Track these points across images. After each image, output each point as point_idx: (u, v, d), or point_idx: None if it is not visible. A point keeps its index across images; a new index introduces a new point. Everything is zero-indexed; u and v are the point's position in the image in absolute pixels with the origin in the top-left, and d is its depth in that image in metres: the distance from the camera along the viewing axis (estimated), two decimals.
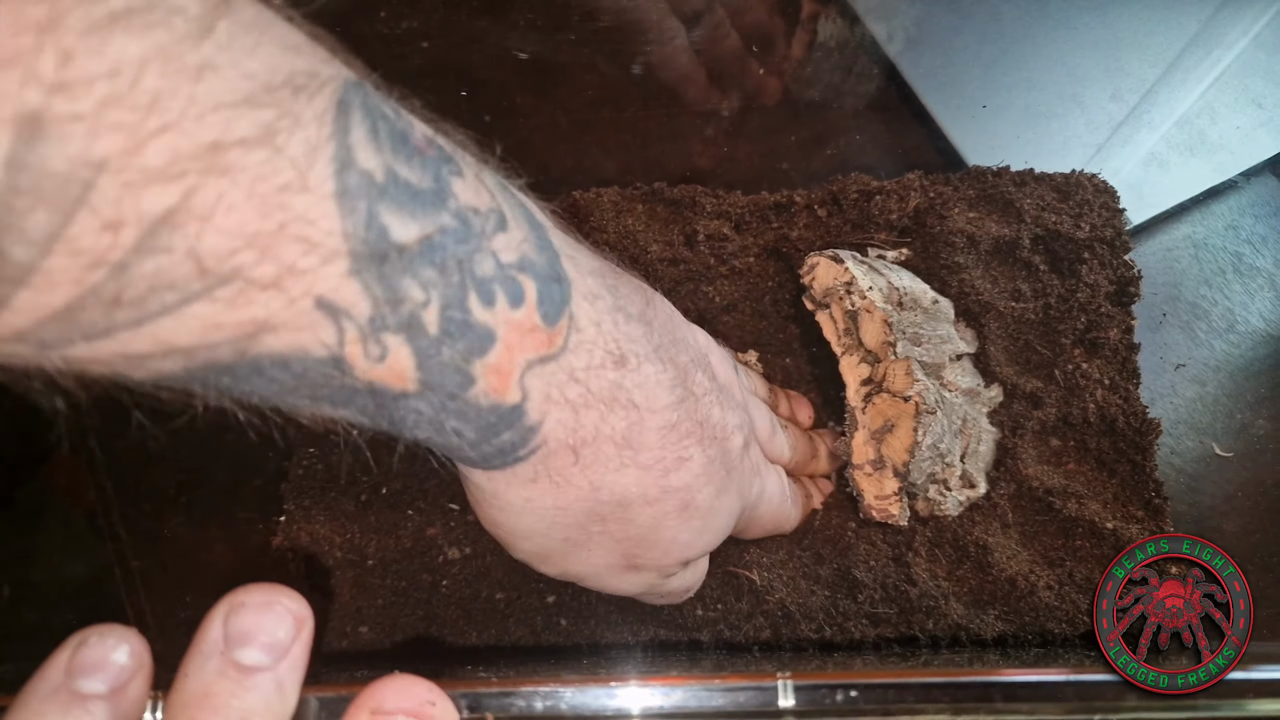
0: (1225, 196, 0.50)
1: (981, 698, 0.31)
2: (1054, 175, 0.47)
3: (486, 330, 0.25)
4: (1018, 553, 0.40)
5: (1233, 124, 0.51)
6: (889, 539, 0.40)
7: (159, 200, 0.18)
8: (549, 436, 0.28)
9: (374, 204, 0.21)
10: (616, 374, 0.29)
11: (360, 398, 0.24)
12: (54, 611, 0.43)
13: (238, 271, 0.20)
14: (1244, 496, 0.43)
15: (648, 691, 0.30)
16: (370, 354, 0.23)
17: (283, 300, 0.21)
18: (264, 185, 0.19)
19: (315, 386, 0.23)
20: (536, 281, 0.26)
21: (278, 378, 0.22)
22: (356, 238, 0.21)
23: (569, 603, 0.40)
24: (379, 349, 0.23)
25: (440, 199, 0.23)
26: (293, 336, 0.22)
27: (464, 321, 0.24)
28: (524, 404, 0.26)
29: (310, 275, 0.21)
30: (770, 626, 0.39)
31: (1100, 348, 0.44)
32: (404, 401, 0.24)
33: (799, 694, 0.30)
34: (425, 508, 0.43)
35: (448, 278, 0.23)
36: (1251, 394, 0.46)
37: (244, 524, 0.43)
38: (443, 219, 0.23)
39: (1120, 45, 0.53)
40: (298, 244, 0.20)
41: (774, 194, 0.49)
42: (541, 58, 0.55)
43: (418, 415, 0.25)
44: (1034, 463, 0.42)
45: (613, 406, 0.29)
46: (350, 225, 0.21)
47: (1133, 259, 0.45)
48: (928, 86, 0.52)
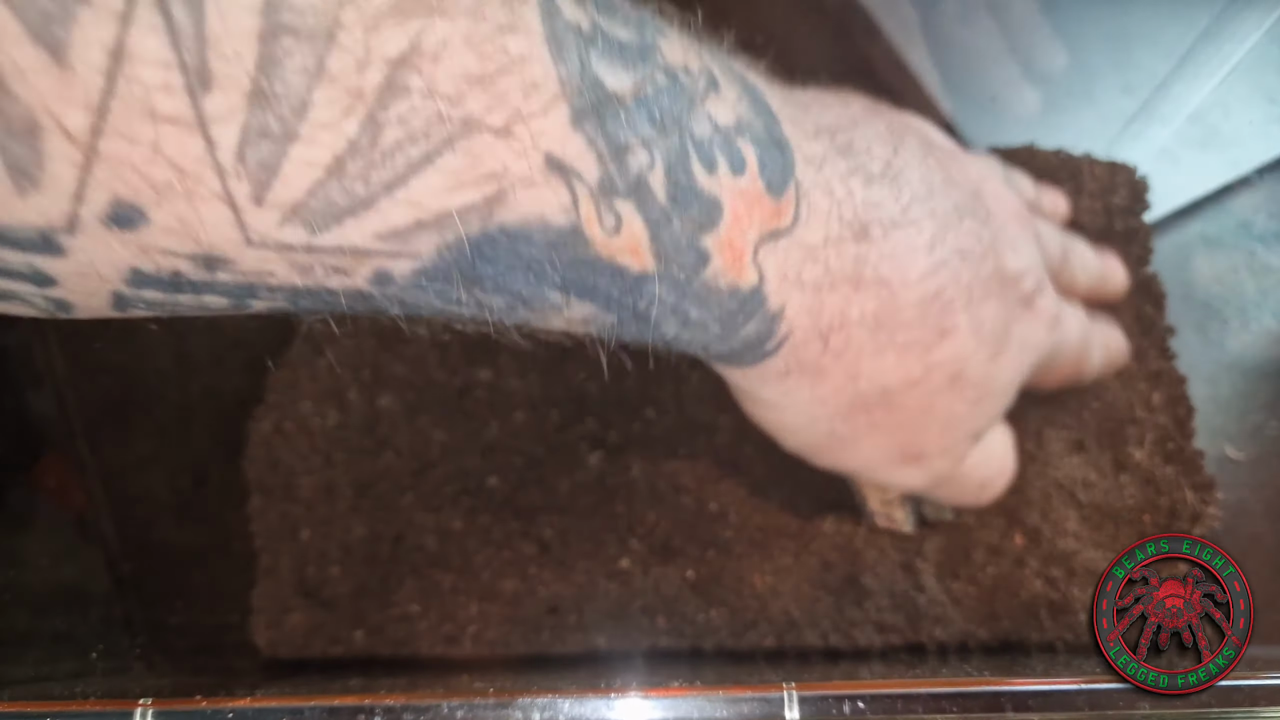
0: (1238, 193, 0.49)
1: (991, 707, 0.30)
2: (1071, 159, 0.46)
3: (713, 199, 0.23)
4: (1029, 558, 0.39)
5: (1246, 119, 0.50)
6: (897, 545, 0.40)
7: (393, 41, 0.18)
8: (794, 324, 0.26)
9: (585, 51, 0.21)
10: (859, 247, 0.26)
11: (604, 281, 0.23)
12: (43, 615, 0.42)
13: (471, 118, 0.19)
14: (1257, 500, 0.43)
15: (649, 703, 0.30)
16: (605, 224, 0.22)
17: (516, 153, 0.20)
18: (482, 26, 0.19)
19: (562, 268, 0.22)
20: (756, 147, 0.24)
21: (524, 254, 0.22)
22: (572, 85, 0.20)
23: (567, 611, 0.40)
24: (613, 217, 0.22)
25: (648, 54, 0.22)
26: (531, 200, 0.21)
27: (690, 187, 0.23)
28: (762, 287, 0.25)
29: (537, 123, 0.20)
30: (774, 634, 0.38)
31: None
32: (646, 286, 0.23)
33: (804, 705, 0.30)
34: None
35: (668, 136, 0.22)
36: (1265, 395, 0.45)
37: (237, 529, 0.43)
38: (654, 73, 0.22)
39: (1131, 38, 0.52)
40: (520, 88, 0.20)
41: None
42: None
43: (661, 304, 0.24)
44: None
45: (858, 285, 0.27)
46: (565, 71, 0.20)
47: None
48: (936, 79, 0.51)
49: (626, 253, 0.22)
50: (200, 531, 0.43)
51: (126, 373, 0.45)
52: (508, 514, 0.42)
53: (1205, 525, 0.40)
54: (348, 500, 0.42)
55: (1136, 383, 0.42)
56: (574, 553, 0.41)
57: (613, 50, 0.21)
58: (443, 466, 0.43)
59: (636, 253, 0.23)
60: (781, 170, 0.25)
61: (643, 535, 0.41)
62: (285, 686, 0.38)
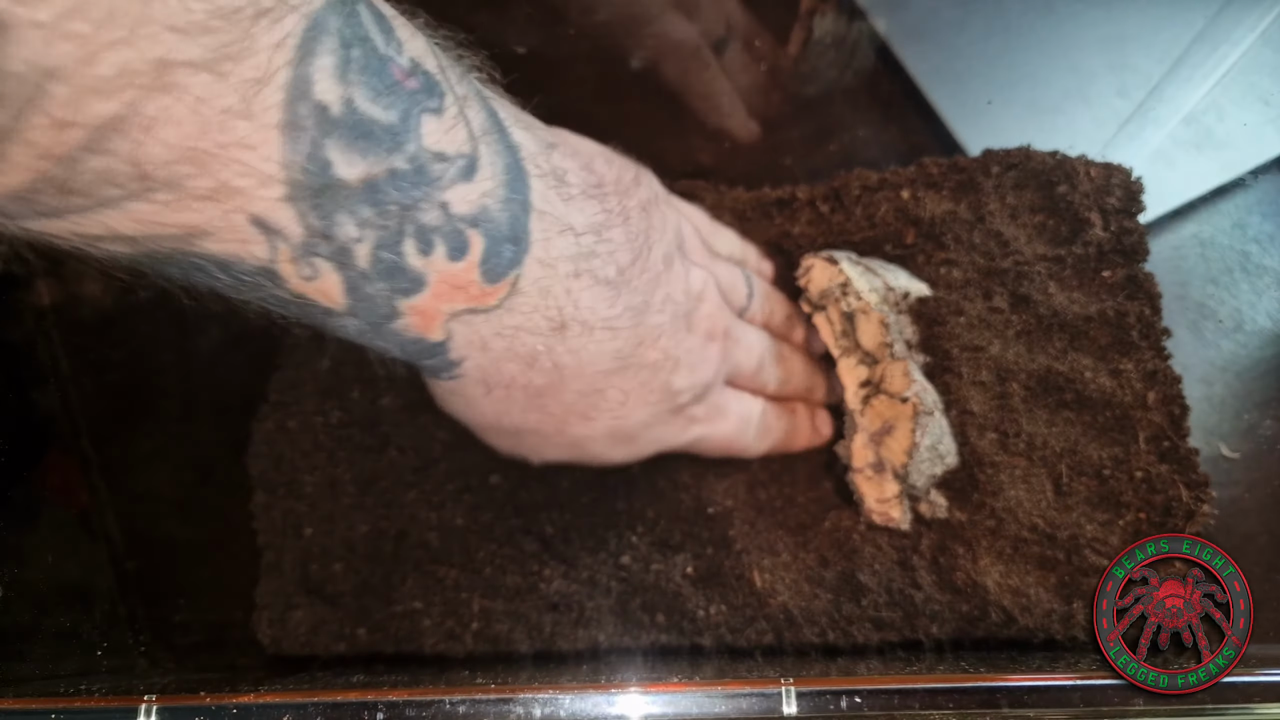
0: (1232, 194, 0.50)
1: (987, 703, 0.31)
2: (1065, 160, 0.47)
3: (417, 275, 0.25)
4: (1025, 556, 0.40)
5: (1240, 121, 0.50)
6: (894, 542, 0.40)
7: (105, 108, 0.20)
8: (468, 372, 0.29)
9: (322, 137, 0.22)
10: (551, 339, 0.29)
11: (294, 305, 0.25)
12: (47, 613, 0.42)
13: (175, 180, 0.21)
14: (1251, 498, 0.43)
15: (648, 698, 0.30)
16: (302, 273, 0.24)
17: (218, 211, 0.22)
18: (207, 107, 0.21)
19: (253, 289, 0.25)
20: (486, 239, 0.26)
21: (218, 277, 0.24)
22: (295, 167, 0.22)
23: (568, 608, 0.40)
24: (310, 270, 0.24)
25: (399, 140, 0.23)
26: (228, 244, 0.23)
27: (395, 264, 0.25)
28: (447, 343, 0.28)
29: (245, 195, 0.22)
30: (773, 630, 0.39)
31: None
32: (334, 318, 0.26)
33: (802, 700, 0.30)
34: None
35: (385, 220, 0.24)
36: (1259, 394, 0.45)
37: (240, 526, 0.43)
38: (394, 161, 0.23)
39: (1126, 41, 0.52)
40: (235, 165, 0.21)
41: (776, 190, 0.48)
42: (539, 52, 0.54)
43: (345, 329, 0.26)
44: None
45: (533, 364, 0.29)
46: (291, 155, 0.22)
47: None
48: (932, 82, 0.51)
49: (320, 295, 0.25)
50: (204, 529, 0.43)
51: (130, 371, 0.46)
52: (509, 511, 0.42)
53: (1200, 523, 0.40)
54: (351, 497, 0.43)
55: (1132, 382, 0.43)
56: (575, 549, 0.41)
57: (358, 135, 0.23)
58: (445, 464, 0.43)
59: (329, 297, 0.25)
60: (507, 263, 0.27)
61: (643, 532, 0.41)
62: (289, 682, 0.38)
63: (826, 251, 0.44)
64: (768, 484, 0.42)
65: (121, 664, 0.41)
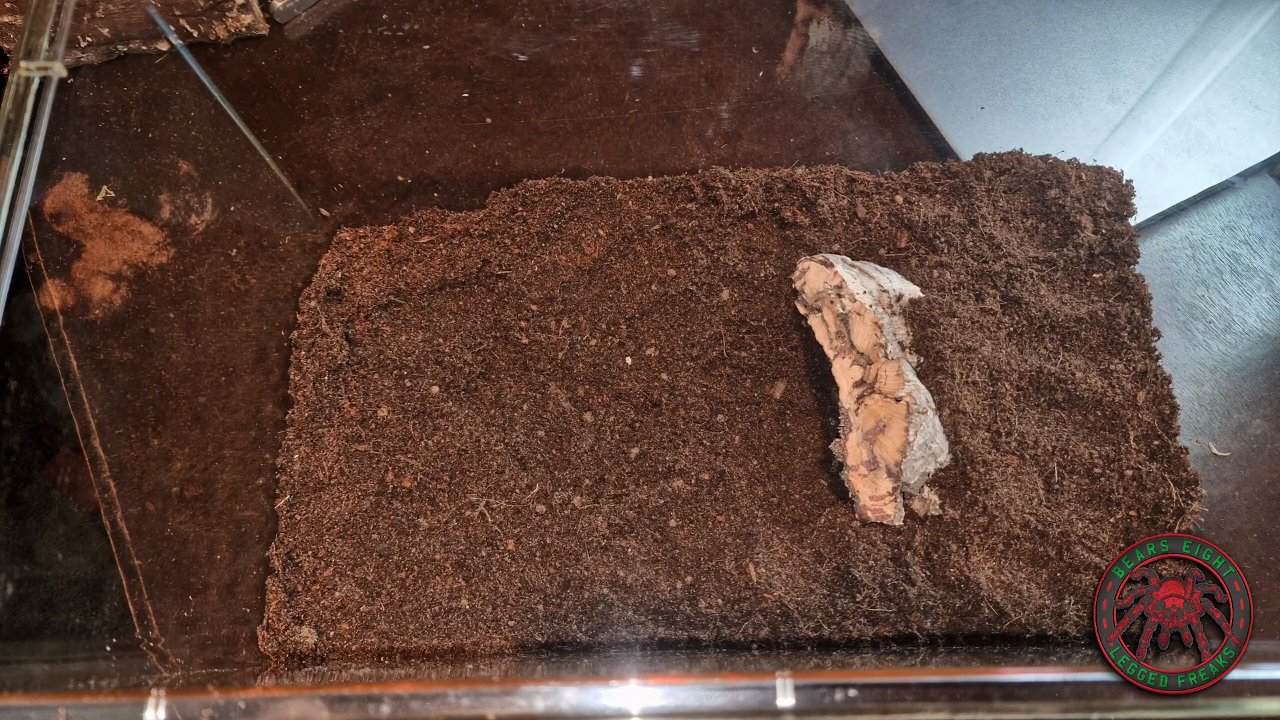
0: (1222, 197, 0.50)
1: (980, 697, 0.31)
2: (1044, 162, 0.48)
3: None
4: (1018, 552, 0.40)
5: (1230, 125, 0.51)
6: (888, 538, 0.41)
7: None
8: None
9: None
10: None
11: None
12: (56, 609, 0.43)
13: None
14: (1240, 496, 0.44)
15: (648, 690, 0.30)
16: None
17: None
18: None
19: None
20: None
21: None
22: None
23: (570, 603, 0.40)
24: None
25: None
26: None
27: None
28: None
29: None
30: (769, 625, 0.39)
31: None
32: None
33: (798, 693, 0.30)
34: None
35: None
36: (1248, 394, 0.46)
37: (247, 524, 0.43)
38: None
39: (1117, 47, 0.53)
40: None
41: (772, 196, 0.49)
42: (542, 59, 0.55)
43: None
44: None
45: None
46: None
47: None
48: (925, 87, 0.52)
49: None
50: (212, 528, 0.44)
51: (140, 371, 0.46)
52: (510, 509, 0.43)
53: (1189, 521, 0.41)
54: (356, 496, 0.43)
55: (1122, 381, 0.43)
56: (576, 545, 0.42)
57: None
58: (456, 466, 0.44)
59: None
60: None
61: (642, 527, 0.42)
62: (295, 676, 0.39)
63: (821, 254, 0.45)
64: (764, 481, 0.43)
65: (130, 659, 0.41)
